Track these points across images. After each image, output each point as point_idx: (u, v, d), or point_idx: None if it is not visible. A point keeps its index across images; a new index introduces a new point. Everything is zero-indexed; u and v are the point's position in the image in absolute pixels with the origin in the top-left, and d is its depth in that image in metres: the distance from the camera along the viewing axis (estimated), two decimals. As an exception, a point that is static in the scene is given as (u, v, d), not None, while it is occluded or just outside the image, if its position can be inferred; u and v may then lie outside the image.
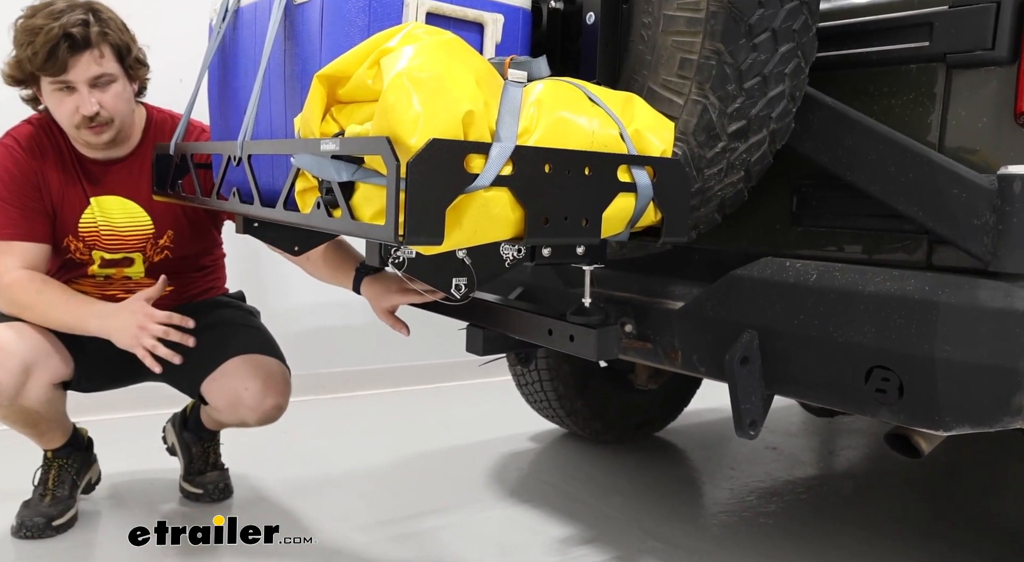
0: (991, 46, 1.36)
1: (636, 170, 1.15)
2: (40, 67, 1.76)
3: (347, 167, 1.01)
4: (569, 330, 1.41)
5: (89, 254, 2.00)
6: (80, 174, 1.96)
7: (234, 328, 2.09)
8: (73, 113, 1.83)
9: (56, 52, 1.74)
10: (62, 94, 1.82)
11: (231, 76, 1.62)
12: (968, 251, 1.34)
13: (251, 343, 2.03)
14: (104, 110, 1.84)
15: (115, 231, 1.99)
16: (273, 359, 2.03)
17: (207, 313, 2.09)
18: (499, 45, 1.37)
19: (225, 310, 2.17)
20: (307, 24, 1.30)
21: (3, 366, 1.77)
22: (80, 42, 1.76)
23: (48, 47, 1.73)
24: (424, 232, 0.94)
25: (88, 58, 1.78)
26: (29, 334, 1.83)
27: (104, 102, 1.84)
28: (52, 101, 1.85)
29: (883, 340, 1.37)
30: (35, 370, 1.82)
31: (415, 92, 0.94)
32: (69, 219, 1.96)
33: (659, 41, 1.37)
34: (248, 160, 1.36)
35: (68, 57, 1.76)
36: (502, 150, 0.98)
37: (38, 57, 1.75)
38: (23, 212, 1.89)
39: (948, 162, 1.38)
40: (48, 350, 1.85)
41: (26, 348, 1.81)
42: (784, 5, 1.37)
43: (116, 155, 1.99)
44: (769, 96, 1.41)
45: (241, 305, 2.25)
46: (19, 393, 1.81)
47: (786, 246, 1.67)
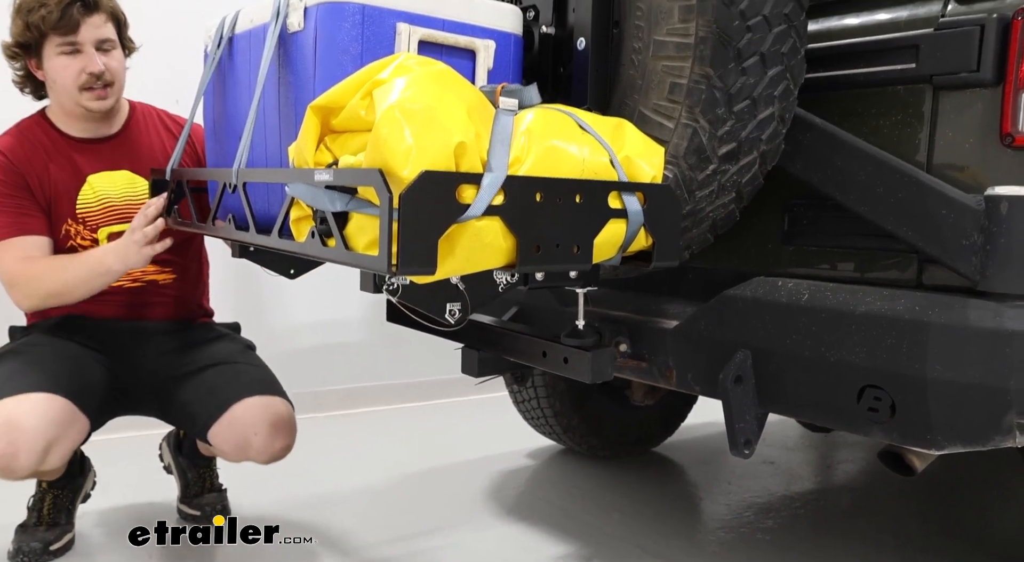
0: (976, 68, 1.37)
1: (627, 196, 1.17)
2: (53, 26, 1.84)
3: (341, 197, 1.02)
4: (563, 352, 1.42)
5: (92, 237, 2.01)
6: (72, 158, 2.00)
7: (236, 368, 2.05)
8: (79, 73, 1.90)
9: (69, 11, 1.85)
10: (68, 57, 1.89)
11: (226, 102, 1.64)
12: (957, 271, 1.35)
13: (255, 383, 2.01)
14: (108, 72, 1.93)
15: (115, 203, 2.02)
16: (279, 399, 2.00)
17: (207, 347, 2.10)
18: (491, 71, 1.38)
19: (224, 344, 2.14)
20: (301, 52, 1.32)
21: (27, 448, 1.72)
22: (91, 4, 1.88)
23: (61, 7, 1.84)
24: (417, 262, 0.95)
25: (97, 20, 1.90)
26: (49, 405, 1.78)
27: (108, 65, 1.93)
28: (57, 65, 1.90)
29: (874, 360, 1.38)
30: (56, 444, 1.79)
31: (407, 124, 0.96)
32: (65, 204, 1.98)
33: (649, 66, 1.38)
34: (243, 188, 1.37)
35: (80, 16, 1.86)
36: (493, 180, 1.00)
37: (52, 16, 1.84)
38: (17, 211, 1.94)
39: (936, 182, 1.39)
40: (69, 419, 1.82)
41: (47, 423, 1.77)
42: (772, 29, 1.39)
43: (106, 132, 2.05)
44: (759, 118, 1.42)
45: (238, 338, 2.23)
46: (39, 468, 1.79)
47: (778, 265, 1.68)
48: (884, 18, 1.54)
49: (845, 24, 1.60)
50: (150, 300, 2.09)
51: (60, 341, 1.96)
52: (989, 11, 1.36)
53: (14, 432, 1.71)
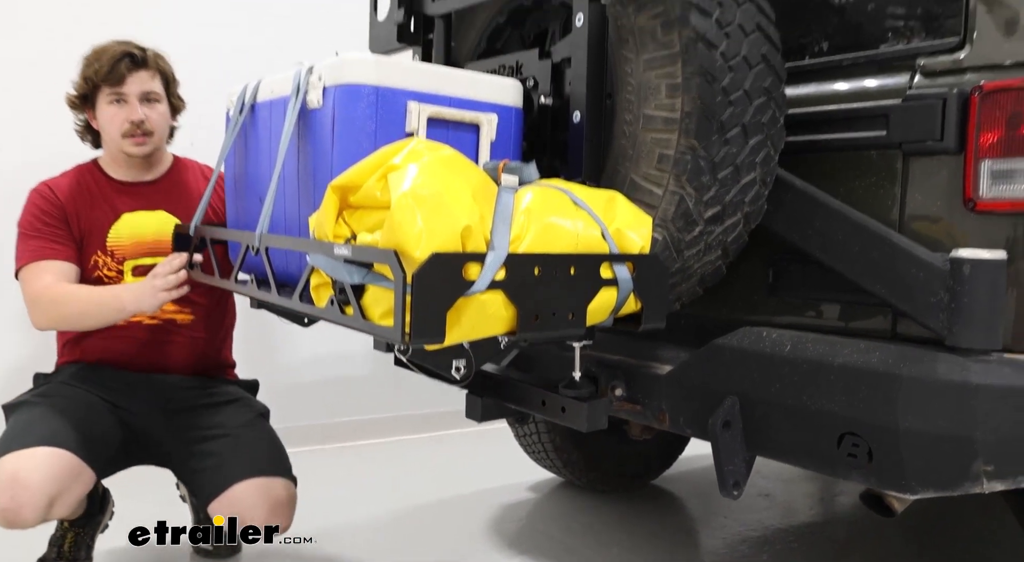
0: (940, 137, 1.48)
1: (617, 266, 1.28)
2: (103, 78, 2.06)
3: (358, 270, 1.13)
4: (561, 402, 1.53)
5: (118, 268, 2.14)
6: (112, 197, 2.17)
7: (242, 442, 2.10)
8: (123, 121, 2.10)
9: (118, 66, 2.07)
10: (115, 106, 2.10)
11: (247, 163, 1.76)
12: (926, 326, 1.45)
13: (258, 462, 2.05)
14: (148, 122, 2.12)
15: (145, 239, 2.16)
16: (279, 480, 2.04)
17: (219, 413, 2.17)
18: (494, 142, 1.50)
19: (236, 411, 2.20)
20: (320, 127, 1.44)
21: (30, 503, 1.79)
22: (139, 60, 2.10)
23: (112, 61, 2.06)
24: (428, 333, 1.06)
25: (144, 74, 2.11)
26: (54, 460, 1.85)
27: (149, 116, 2.13)
28: (105, 113, 2.11)
29: (852, 409, 1.48)
30: (59, 499, 1.86)
31: (419, 210, 1.07)
32: (97, 236, 2.13)
33: (639, 137, 1.50)
34: (266, 252, 1.48)
35: (127, 71, 2.08)
36: (496, 258, 1.11)
37: (103, 69, 2.06)
38: (51, 238, 2.09)
39: (906, 243, 1.50)
40: (73, 473, 1.89)
41: (51, 479, 1.83)
42: (752, 102, 1.51)
43: (147, 178, 2.23)
44: (742, 183, 1.53)
45: (252, 403, 2.28)
46: (44, 519, 1.86)
47: (764, 314, 1.79)
48: (857, 86, 1.66)
49: (823, 90, 1.72)
50: (168, 340, 2.19)
51: (77, 392, 2.06)
52: (950, 86, 1.48)
53: (17, 487, 1.79)
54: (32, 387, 2.16)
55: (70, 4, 3.12)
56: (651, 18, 1.46)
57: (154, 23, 3.09)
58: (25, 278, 2.06)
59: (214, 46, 3.20)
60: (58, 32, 3.08)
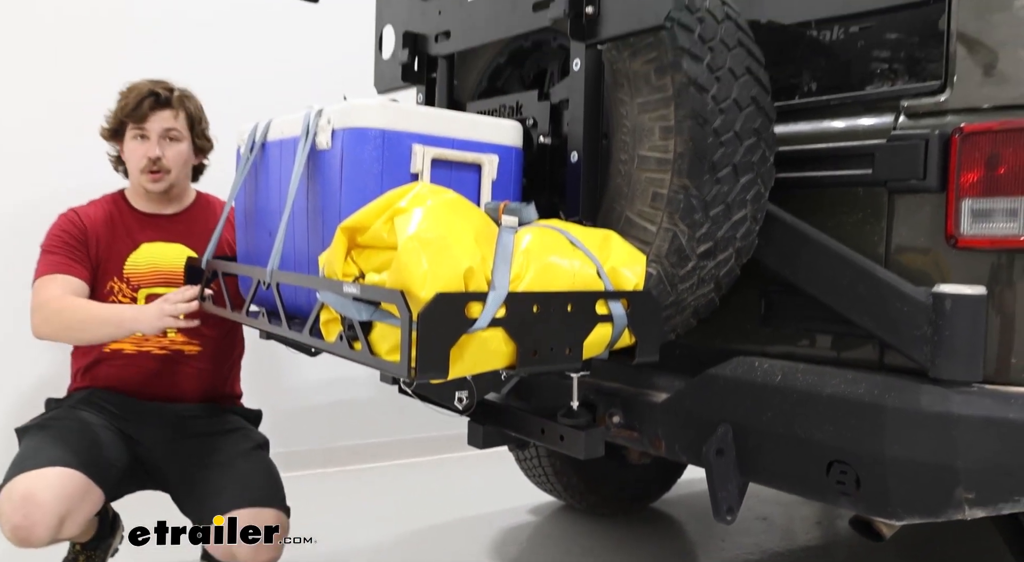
0: (923, 176, 1.55)
1: (612, 303, 1.34)
2: (128, 114, 2.18)
3: (367, 308, 1.19)
4: (559, 430, 1.58)
5: (132, 295, 2.21)
6: (132, 227, 2.26)
7: (238, 472, 2.14)
8: (141, 157, 2.19)
9: (143, 104, 2.17)
10: (137, 142, 2.20)
11: (257, 198, 1.82)
12: (911, 358, 1.51)
13: (251, 491, 2.08)
14: (164, 160, 2.20)
15: (161, 269, 2.24)
16: (270, 511, 2.06)
17: (219, 441, 2.22)
18: (495, 181, 1.57)
19: (236, 441, 2.25)
20: (329, 167, 1.50)
21: (42, 521, 1.84)
22: (163, 100, 2.20)
23: (138, 100, 2.17)
24: (432, 368, 1.12)
25: (167, 113, 2.21)
26: (65, 480, 1.91)
27: (166, 154, 2.21)
28: (129, 148, 2.22)
29: (840, 438, 1.54)
30: (70, 517, 1.91)
31: (424, 252, 1.13)
32: (115, 262, 2.21)
33: (635, 176, 1.56)
34: (277, 287, 1.54)
35: (150, 110, 2.18)
36: (496, 297, 1.17)
37: (128, 106, 2.18)
38: (68, 256, 2.18)
39: (891, 277, 1.56)
40: (83, 493, 1.94)
41: (62, 498, 1.88)
42: (743, 143, 1.57)
43: (168, 211, 2.31)
44: (733, 220, 1.60)
45: (253, 434, 2.32)
46: (55, 538, 1.92)
47: (757, 344, 1.84)
48: (845, 126, 1.72)
49: (812, 129, 1.78)
50: (177, 370, 2.25)
51: (87, 416, 2.13)
52: (932, 127, 1.55)
53: (30, 506, 1.85)
54: (44, 411, 2.22)
55: (97, 44, 3.24)
56: (645, 63, 1.53)
57: (163, 59, 3.18)
58: (36, 288, 2.14)
59: (220, 83, 3.29)
60: (79, 70, 3.18)
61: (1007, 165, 1.46)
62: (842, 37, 1.79)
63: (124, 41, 3.29)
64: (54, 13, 3.20)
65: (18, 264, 2.37)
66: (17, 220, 3.04)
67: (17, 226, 2.98)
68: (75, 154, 2.90)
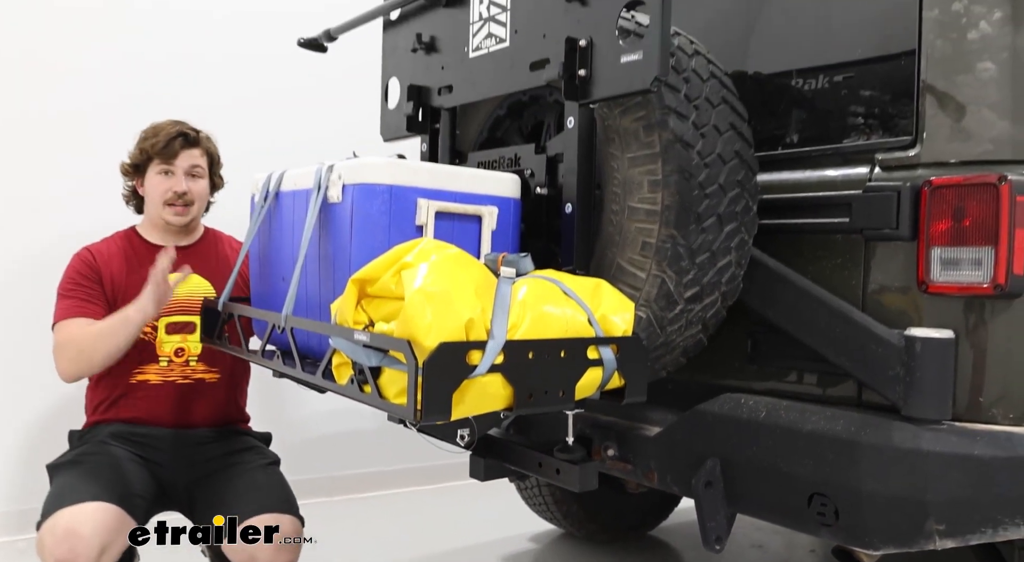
0: (896, 226, 1.66)
1: (603, 348, 1.44)
2: (158, 152, 2.33)
3: (376, 354, 1.30)
4: (556, 464, 1.68)
5: (153, 326, 2.31)
6: (146, 259, 2.32)
7: (256, 483, 2.25)
8: (166, 191, 2.34)
9: (173, 143, 2.34)
10: (162, 177, 2.35)
11: (270, 245, 1.93)
12: (885, 397, 1.61)
13: (269, 500, 2.18)
14: (190, 194, 2.36)
15: (177, 299, 2.33)
16: (288, 517, 2.14)
17: (236, 457, 2.34)
18: (495, 231, 1.67)
19: (251, 457, 2.36)
20: (339, 219, 1.61)
21: (85, 554, 1.93)
22: (191, 140, 2.37)
23: (168, 139, 2.33)
24: (436, 411, 1.22)
25: (194, 152, 2.38)
26: (104, 514, 2.00)
27: (192, 188, 2.37)
28: (153, 182, 2.35)
29: (820, 471, 1.63)
30: (109, 548, 2.00)
31: (428, 305, 1.24)
32: (134, 292, 2.27)
33: (625, 226, 1.67)
34: (291, 331, 1.65)
35: (179, 148, 2.34)
36: (495, 345, 1.27)
37: (159, 144, 2.32)
38: (84, 299, 2.28)
39: (867, 320, 1.66)
40: (120, 526, 2.03)
41: (102, 530, 1.97)
42: (727, 194, 1.68)
43: (181, 243, 2.43)
44: (718, 266, 1.70)
45: (266, 452, 2.44)
46: None
47: (744, 380, 1.95)
48: (824, 176, 1.83)
49: (794, 178, 1.89)
50: (196, 398, 2.36)
51: (114, 450, 2.22)
52: (904, 179, 1.66)
53: (74, 539, 1.94)
54: (69, 445, 2.33)
55: (111, 89, 3.38)
56: (634, 121, 1.64)
57: (173, 102, 3.31)
58: (55, 332, 2.25)
59: (230, 125, 3.42)
60: (95, 108, 3.32)
61: (972, 217, 1.57)
62: (822, 93, 1.90)
63: (136, 84, 3.42)
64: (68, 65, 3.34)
65: (36, 301, 2.49)
66: (41, 245, 3.18)
67: (38, 254, 3.12)
68: (91, 197, 3.05)
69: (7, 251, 3.22)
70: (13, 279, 3.21)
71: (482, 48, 1.92)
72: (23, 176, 3.25)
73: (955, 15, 1.63)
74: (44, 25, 3.29)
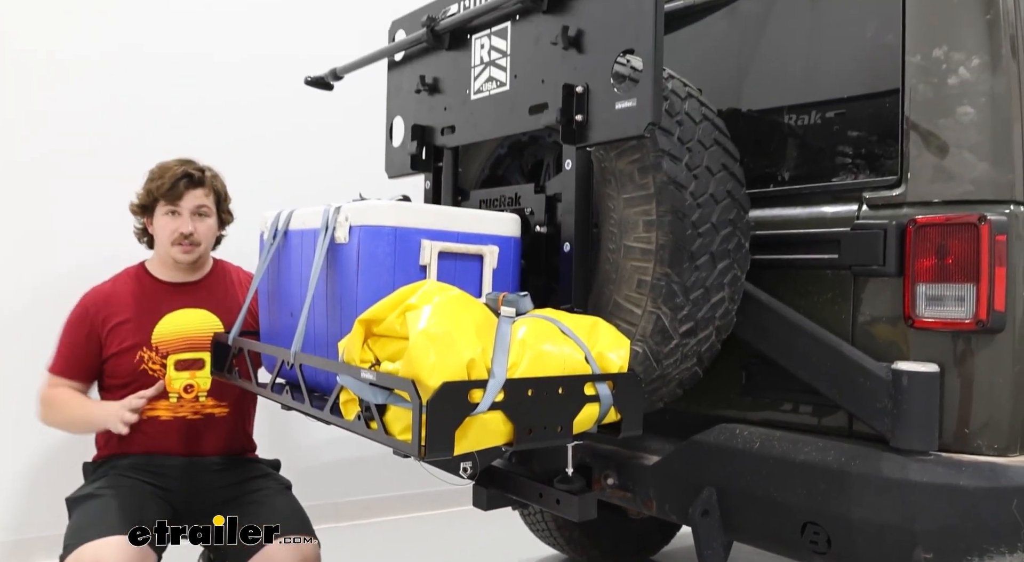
0: (883, 262, 1.71)
1: (599, 385, 1.50)
2: (163, 194, 2.37)
3: (382, 393, 1.36)
4: (556, 495, 1.74)
5: (162, 362, 2.37)
6: (157, 297, 2.43)
7: (275, 508, 2.31)
8: (173, 231, 2.38)
9: (178, 184, 2.37)
10: (169, 218, 2.39)
11: (279, 280, 2.00)
12: (874, 428, 1.67)
13: (289, 523, 2.24)
14: (196, 234, 2.39)
15: (186, 335, 2.40)
16: (309, 543, 2.23)
17: (251, 484, 2.40)
18: (495, 269, 1.74)
19: (265, 483, 2.43)
20: (346, 259, 1.68)
21: None
22: (196, 180, 2.40)
23: (173, 180, 2.36)
24: (440, 447, 1.28)
25: (199, 192, 2.41)
26: (127, 547, 2.07)
27: (198, 228, 2.40)
28: (160, 223, 2.40)
29: (812, 501, 1.69)
30: None
31: (432, 347, 1.30)
32: (144, 334, 2.37)
33: (621, 264, 1.73)
34: (300, 368, 1.71)
35: (184, 189, 2.37)
36: (495, 384, 1.34)
37: (164, 186, 2.36)
38: (71, 356, 2.37)
39: (855, 354, 1.72)
40: (141, 557, 2.09)
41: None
42: (719, 233, 1.75)
43: (190, 279, 2.49)
44: (712, 302, 1.76)
45: (278, 478, 2.51)
46: None
47: (740, 410, 2.00)
48: (815, 213, 1.89)
49: (786, 214, 1.95)
50: (206, 430, 2.42)
51: (132, 482, 2.28)
52: (890, 218, 1.72)
53: None
54: (84, 477, 2.39)
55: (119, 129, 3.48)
56: (630, 163, 1.71)
57: (182, 140, 3.39)
58: (45, 382, 2.37)
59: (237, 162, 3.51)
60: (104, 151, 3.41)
61: (954, 255, 1.63)
62: (812, 132, 1.97)
63: (148, 124, 3.51)
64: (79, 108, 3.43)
65: (44, 333, 2.56)
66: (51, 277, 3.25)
67: (50, 287, 3.19)
68: (101, 231, 3.14)
69: (17, 284, 3.29)
70: (23, 312, 3.28)
71: (483, 91, 1.99)
72: (36, 210, 3.34)
73: (936, 61, 1.70)
74: (59, 68, 3.38)
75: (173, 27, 3.62)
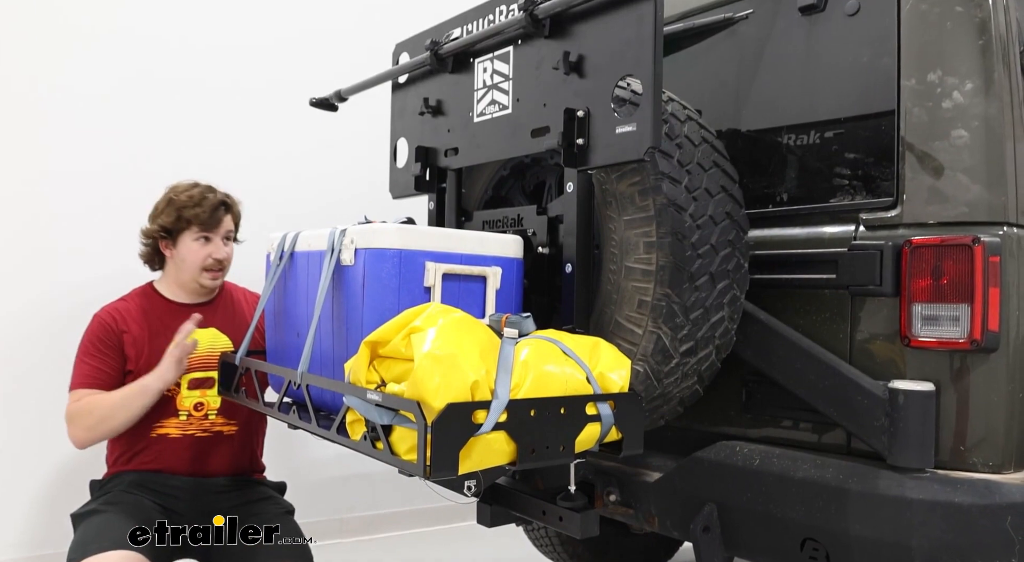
0: (879, 282, 1.74)
1: (600, 404, 1.53)
2: (203, 221, 2.41)
3: (387, 413, 1.39)
4: (559, 512, 1.76)
5: (177, 383, 2.39)
6: (169, 318, 2.44)
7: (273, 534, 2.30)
8: (207, 257, 2.44)
9: (217, 213, 2.45)
10: (200, 244, 2.44)
11: (285, 301, 2.03)
12: (871, 446, 1.69)
13: (287, 551, 2.27)
14: (226, 259, 2.48)
15: (199, 354, 2.43)
16: None
17: (254, 507, 2.42)
18: (499, 290, 1.77)
19: (268, 507, 2.44)
20: (352, 281, 1.71)
21: None
22: (229, 207, 2.50)
23: (212, 209, 2.43)
24: (444, 467, 1.31)
25: (229, 219, 2.50)
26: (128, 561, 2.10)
27: (228, 253, 2.50)
28: (191, 248, 2.44)
29: (811, 517, 1.71)
30: None
31: (436, 368, 1.33)
32: (157, 355, 2.37)
33: (622, 285, 1.77)
34: (307, 388, 1.74)
35: (222, 216, 2.46)
36: (499, 405, 1.37)
37: (204, 214, 2.41)
38: (98, 367, 2.36)
39: (853, 373, 1.75)
40: None
41: None
42: (719, 253, 1.78)
43: (202, 300, 2.54)
44: (711, 322, 1.79)
45: (281, 501, 2.52)
46: None
47: (740, 428, 2.03)
48: (813, 233, 1.93)
49: (784, 234, 1.99)
50: (215, 449, 2.44)
51: (135, 499, 2.30)
52: (886, 239, 1.75)
53: None
54: (90, 494, 2.41)
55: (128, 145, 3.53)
56: (630, 186, 1.74)
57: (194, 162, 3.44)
58: (70, 400, 2.35)
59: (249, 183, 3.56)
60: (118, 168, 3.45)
61: (949, 276, 1.66)
62: (810, 154, 2.00)
63: (157, 145, 3.57)
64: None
65: (56, 354, 2.59)
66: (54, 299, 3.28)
67: (63, 307, 3.23)
68: (110, 250, 3.17)
69: (30, 305, 3.34)
70: (36, 332, 3.32)
71: (486, 114, 2.03)
72: (48, 230, 3.38)
73: (930, 85, 1.74)
74: (75, 91, 3.44)
75: (178, 51, 3.68)
